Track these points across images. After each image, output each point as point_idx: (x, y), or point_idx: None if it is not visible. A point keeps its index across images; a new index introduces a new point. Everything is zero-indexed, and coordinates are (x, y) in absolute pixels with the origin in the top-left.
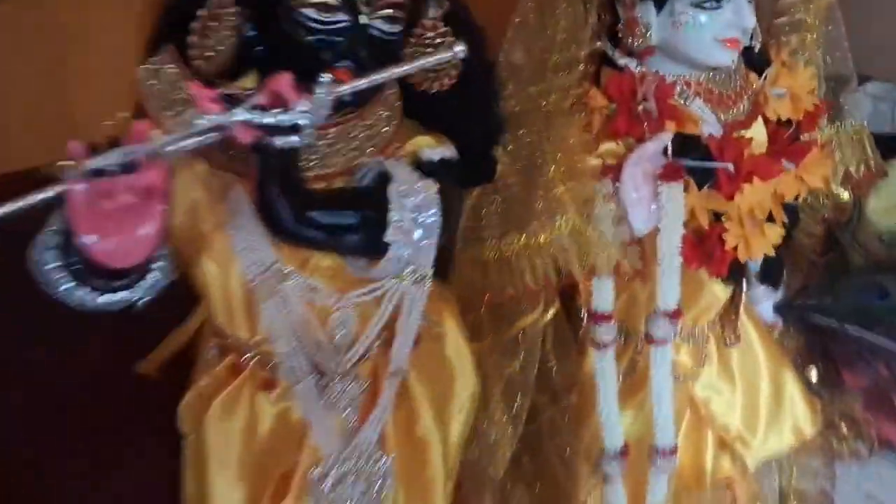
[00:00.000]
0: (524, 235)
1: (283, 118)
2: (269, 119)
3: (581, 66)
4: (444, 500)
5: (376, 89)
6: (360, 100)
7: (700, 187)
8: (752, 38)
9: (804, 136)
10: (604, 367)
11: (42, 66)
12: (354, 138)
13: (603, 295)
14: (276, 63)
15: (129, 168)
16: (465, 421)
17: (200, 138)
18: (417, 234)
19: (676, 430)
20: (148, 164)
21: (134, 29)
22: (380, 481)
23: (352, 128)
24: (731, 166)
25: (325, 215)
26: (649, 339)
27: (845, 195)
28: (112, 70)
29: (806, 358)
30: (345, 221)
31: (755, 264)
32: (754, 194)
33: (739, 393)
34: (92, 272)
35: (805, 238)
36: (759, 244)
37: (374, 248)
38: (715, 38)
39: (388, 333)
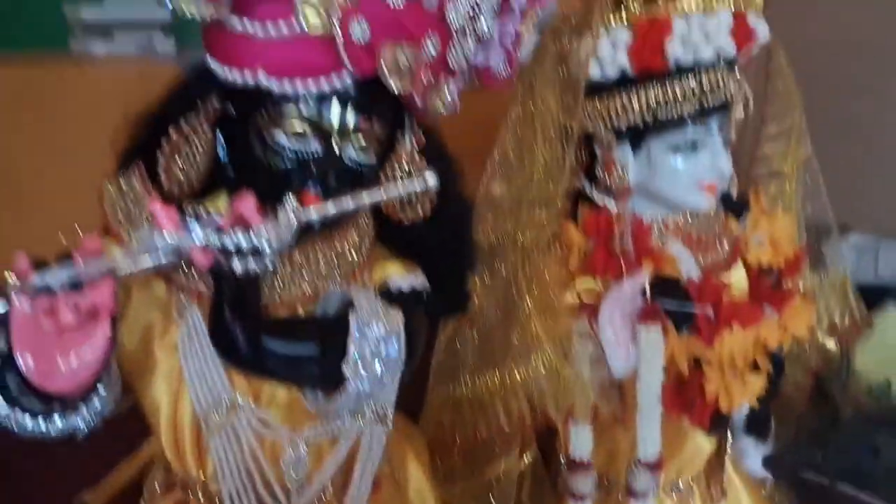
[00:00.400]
0: (499, 373)
1: (243, 242)
2: (228, 242)
3: (558, 203)
4: None
5: (346, 215)
6: (329, 226)
7: (679, 331)
8: (729, 184)
9: (786, 283)
10: None
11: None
12: (321, 264)
13: (581, 441)
14: (245, 184)
15: (76, 286)
16: None
17: (158, 260)
18: (378, 368)
19: None
20: (96, 282)
21: (106, 143)
22: None
23: (318, 253)
24: (710, 310)
25: (283, 344)
26: (630, 491)
27: (832, 346)
28: (85, 183)
29: None
30: (303, 352)
31: (740, 415)
32: (735, 341)
33: None
34: (31, 394)
35: (793, 389)
36: (741, 394)
37: (332, 380)
38: (692, 182)
39: (345, 476)
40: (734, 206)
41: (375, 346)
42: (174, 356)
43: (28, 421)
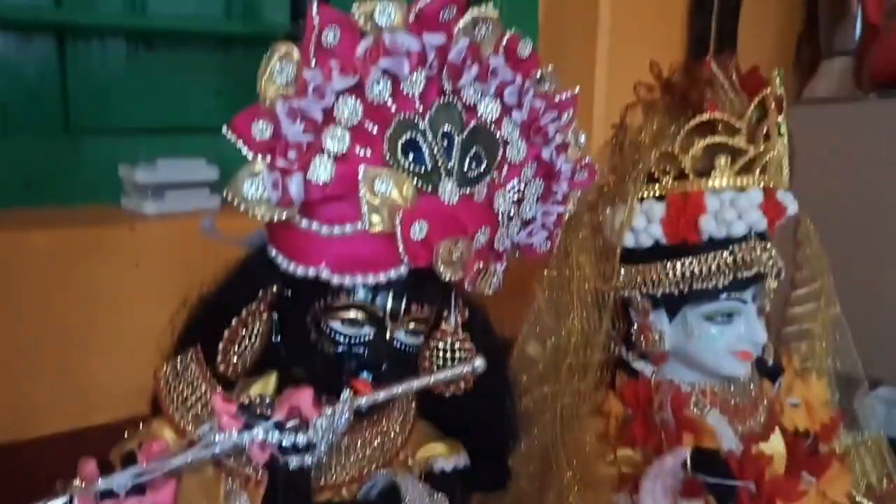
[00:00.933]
0: None
1: (301, 439)
2: (286, 440)
3: (596, 372)
4: None
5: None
6: (376, 409)
7: None
8: (763, 350)
9: (822, 448)
10: None
11: (67, 334)
12: (366, 446)
13: None
14: (297, 366)
15: (139, 489)
16: None
17: (217, 455)
18: None
19: None
20: (158, 484)
21: (161, 307)
22: None
23: (365, 437)
24: (752, 485)
25: None
26: None
27: None
28: (136, 343)
29: None
30: None
31: None
32: None
33: None
34: None
35: None
36: None
37: None
38: (727, 350)
39: None
40: (768, 370)
41: None
42: None
43: None
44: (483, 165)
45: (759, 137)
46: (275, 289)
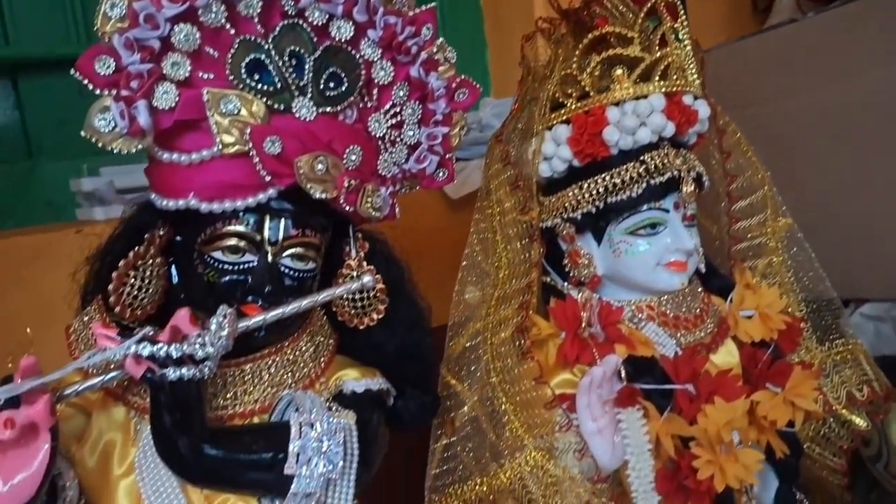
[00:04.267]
0: (486, 478)
1: (174, 351)
2: (158, 351)
3: (521, 297)
4: None
5: (293, 325)
6: (278, 335)
7: (660, 411)
8: (699, 260)
9: (788, 359)
10: None
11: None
12: (272, 375)
13: None
14: (191, 303)
15: (13, 402)
16: None
17: (99, 378)
18: (321, 465)
19: None
20: (33, 398)
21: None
22: None
23: (269, 364)
24: (690, 387)
25: (225, 451)
26: None
27: (862, 422)
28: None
29: None
30: (247, 457)
31: (764, 495)
32: (719, 415)
33: None
34: None
35: (829, 474)
36: (735, 471)
37: (279, 484)
38: (657, 262)
39: None
40: (719, 286)
41: (318, 444)
42: (131, 475)
43: None
44: (344, 86)
45: (654, 44)
46: (162, 233)
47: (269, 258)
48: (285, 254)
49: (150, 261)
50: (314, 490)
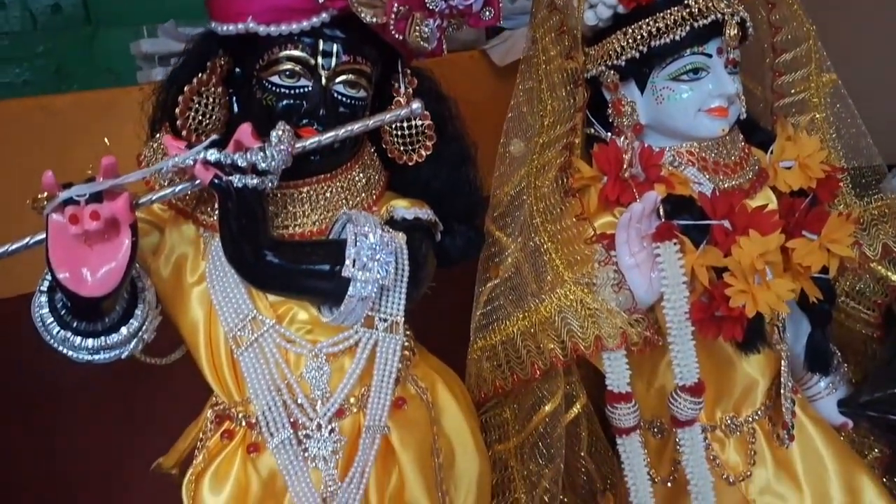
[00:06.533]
0: (527, 313)
1: (237, 157)
2: (224, 157)
3: (565, 139)
4: None
5: (346, 152)
6: (332, 161)
7: (696, 246)
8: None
9: (825, 207)
10: (630, 458)
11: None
12: (328, 199)
13: (616, 371)
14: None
15: (96, 197)
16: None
17: (171, 189)
18: (375, 270)
19: None
20: (114, 194)
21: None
22: None
23: (325, 189)
24: (726, 223)
25: (286, 260)
26: (675, 421)
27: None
28: None
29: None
30: (306, 266)
31: (800, 354)
32: (753, 247)
33: (809, 499)
34: (75, 314)
35: (862, 326)
36: (767, 299)
37: (336, 292)
38: (699, 107)
39: (367, 391)
40: (760, 138)
41: (372, 252)
42: (203, 284)
43: (79, 340)
44: None
45: None
46: (223, 62)
47: (323, 82)
48: (338, 80)
49: (213, 89)
50: (369, 294)
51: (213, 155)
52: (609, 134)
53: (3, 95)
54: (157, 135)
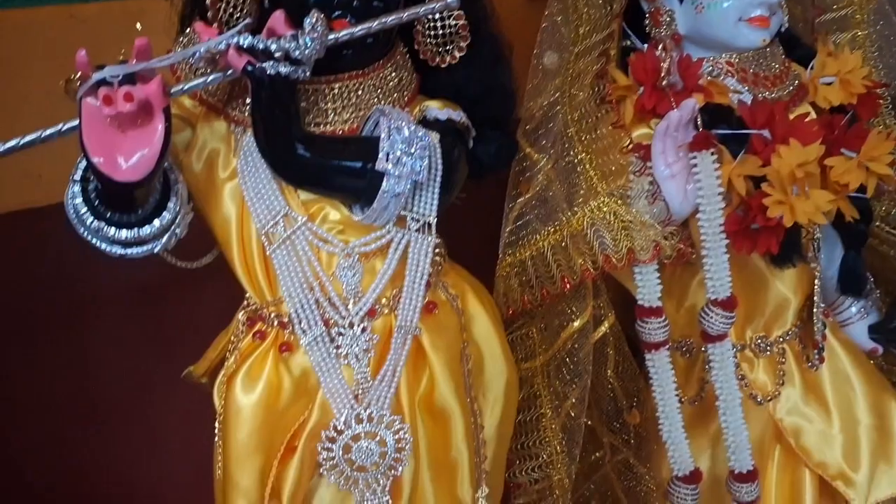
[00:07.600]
0: (557, 226)
1: (271, 43)
2: (257, 42)
3: (602, 46)
4: (471, 492)
5: (379, 48)
6: (363, 57)
7: (734, 156)
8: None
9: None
10: (659, 374)
11: None
12: (360, 97)
13: (647, 284)
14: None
15: (130, 79)
16: (505, 413)
17: (204, 78)
18: (408, 164)
19: (754, 453)
20: (147, 78)
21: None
22: (394, 451)
23: (356, 86)
24: (766, 132)
25: (318, 154)
26: (705, 336)
27: None
28: None
29: None
30: (338, 162)
31: (832, 278)
32: (793, 156)
33: (837, 421)
34: (109, 203)
35: None
36: (805, 209)
37: (368, 189)
38: (739, 16)
39: (399, 293)
40: (801, 55)
41: (405, 146)
42: (235, 180)
43: (113, 231)
44: None
45: None
46: None
47: None
48: None
49: None
50: (402, 191)
51: (246, 39)
52: (646, 46)
53: (30, 3)
54: (188, 29)
